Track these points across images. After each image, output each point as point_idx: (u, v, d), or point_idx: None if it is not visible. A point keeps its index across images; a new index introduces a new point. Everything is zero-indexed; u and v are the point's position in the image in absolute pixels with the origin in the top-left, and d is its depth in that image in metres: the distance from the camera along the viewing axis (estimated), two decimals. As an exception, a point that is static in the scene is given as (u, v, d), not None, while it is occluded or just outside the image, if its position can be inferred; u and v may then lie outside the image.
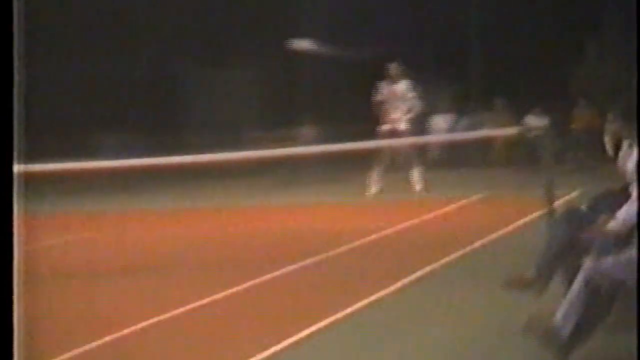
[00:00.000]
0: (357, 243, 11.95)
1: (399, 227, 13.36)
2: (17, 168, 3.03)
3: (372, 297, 8.50)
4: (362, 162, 22.12)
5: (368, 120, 25.29)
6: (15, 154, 2.99)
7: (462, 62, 27.62)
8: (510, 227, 12.66)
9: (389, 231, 12.92)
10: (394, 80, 18.34)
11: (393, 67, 18.39)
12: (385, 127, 18.29)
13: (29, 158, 5.62)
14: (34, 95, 8.44)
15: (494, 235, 12.04)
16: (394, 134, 18.00)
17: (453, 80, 27.18)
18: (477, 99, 26.71)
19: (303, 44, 29.45)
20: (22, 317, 3.20)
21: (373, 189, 18.12)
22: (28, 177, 6.00)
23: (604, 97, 22.41)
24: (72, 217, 16.92)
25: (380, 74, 18.63)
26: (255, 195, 20.18)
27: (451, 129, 24.89)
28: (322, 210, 16.81)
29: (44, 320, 7.36)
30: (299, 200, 18.69)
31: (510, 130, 21.41)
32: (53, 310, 8.44)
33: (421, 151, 23.39)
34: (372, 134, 19.38)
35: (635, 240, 6.36)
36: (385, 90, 18.47)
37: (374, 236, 12.45)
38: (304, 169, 22.25)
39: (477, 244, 11.39)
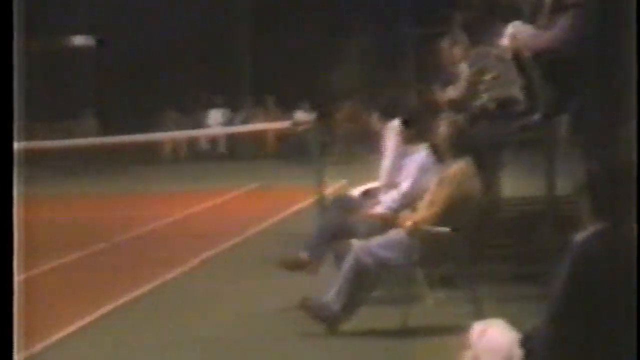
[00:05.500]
0: (136, 232, 11.98)
1: (177, 216, 13.45)
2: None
3: (155, 283, 8.63)
4: (136, 154, 22.07)
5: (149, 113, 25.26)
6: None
7: (235, 61, 27.92)
8: (283, 215, 13.00)
9: (167, 221, 12.99)
10: None
11: None
12: None
13: None
14: None
15: (268, 222, 12.34)
16: None
17: (229, 77, 27.51)
18: (250, 96, 27.07)
19: (79, 40, 28.98)
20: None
21: None
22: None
23: (364, 95, 23.31)
24: None
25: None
26: (36, 184, 19.67)
27: (226, 123, 25.12)
28: (107, 200, 16.66)
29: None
30: (83, 190, 18.40)
31: (281, 125, 21.88)
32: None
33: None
34: (146, 128, 19.45)
35: (396, 222, 6.82)
36: None
37: (152, 225, 12.50)
38: (82, 160, 21.91)
39: (253, 231, 11.66)
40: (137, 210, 14.59)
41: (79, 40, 28.72)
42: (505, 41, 7.94)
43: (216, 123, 24.96)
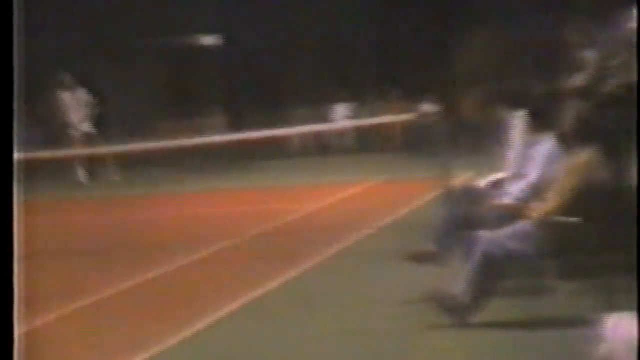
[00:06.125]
0: (268, 226, 12.11)
1: (307, 210, 13.57)
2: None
3: (286, 277, 8.70)
4: (264, 149, 22.32)
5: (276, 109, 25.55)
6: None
7: (359, 54, 28.03)
8: (410, 207, 12.96)
9: (297, 214, 13.11)
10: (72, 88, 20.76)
11: (66, 77, 20.79)
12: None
13: None
14: None
15: (395, 215, 12.33)
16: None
17: (353, 71, 27.63)
18: (375, 89, 27.11)
19: (208, 39, 29.53)
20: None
21: None
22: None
23: (487, 86, 22.97)
24: None
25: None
26: (167, 182, 20.12)
27: (352, 117, 25.24)
28: (237, 195, 16.92)
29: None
30: (210, 186, 18.73)
31: (406, 117, 21.82)
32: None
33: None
34: (274, 124, 19.63)
35: (524, 213, 6.72)
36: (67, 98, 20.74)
37: (283, 219, 12.64)
38: (213, 157, 22.29)
39: (380, 223, 11.66)
40: (267, 204, 14.77)
41: (206, 39, 29.24)
42: (632, 24, 7.74)
43: (342, 117, 25.12)
